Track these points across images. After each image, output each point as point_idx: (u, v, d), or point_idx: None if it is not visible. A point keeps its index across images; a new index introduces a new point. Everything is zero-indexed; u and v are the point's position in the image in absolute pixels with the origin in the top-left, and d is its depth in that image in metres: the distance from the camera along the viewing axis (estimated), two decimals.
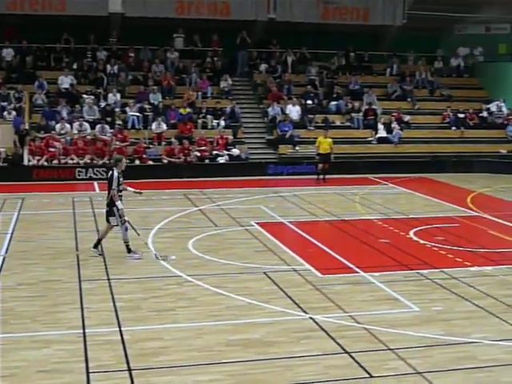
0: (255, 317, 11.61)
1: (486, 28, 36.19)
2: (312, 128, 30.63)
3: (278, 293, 12.95)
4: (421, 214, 20.92)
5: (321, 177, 27.01)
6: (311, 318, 11.57)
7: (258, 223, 18.99)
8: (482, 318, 11.80)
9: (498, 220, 20.20)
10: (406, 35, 34.08)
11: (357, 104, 32.19)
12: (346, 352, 10.14)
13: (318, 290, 13.15)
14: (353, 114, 31.74)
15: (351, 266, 14.86)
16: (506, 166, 30.27)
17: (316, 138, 27.71)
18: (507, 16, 34.95)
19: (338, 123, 31.60)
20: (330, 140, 27.10)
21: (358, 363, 9.76)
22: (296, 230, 18.57)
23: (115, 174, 15.06)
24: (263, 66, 33.70)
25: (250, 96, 33.15)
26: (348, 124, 31.71)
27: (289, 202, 22.70)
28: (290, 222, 19.42)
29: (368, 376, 9.38)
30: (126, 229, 15.22)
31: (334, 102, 32.29)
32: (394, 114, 31.74)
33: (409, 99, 33.52)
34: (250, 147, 29.80)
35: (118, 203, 15.01)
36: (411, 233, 18.20)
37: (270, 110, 31.01)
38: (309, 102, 31.50)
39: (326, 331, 10.95)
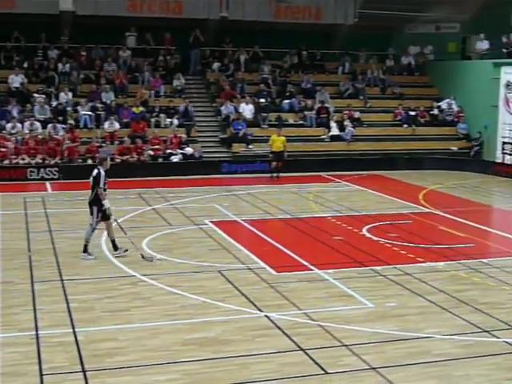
0: (210, 315, 11.61)
1: (436, 27, 36.63)
2: (265, 126, 30.69)
3: (232, 291, 12.96)
4: (374, 210, 21.12)
5: (274, 175, 27.10)
6: (266, 315, 11.61)
7: (212, 222, 18.97)
8: (434, 313, 11.98)
9: (449, 216, 20.50)
10: (357, 34, 34.32)
11: (309, 102, 32.34)
12: (301, 349, 10.20)
13: (272, 287, 13.20)
14: (306, 112, 31.88)
15: (305, 263, 14.94)
16: (457, 162, 30.74)
17: (269, 137, 27.80)
18: (456, 15, 35.45)
19: (291, 121, 31.70)
20: (284, 138, 27.20)
21: (312, 360, 9.83)
22: (250, 228, 18.60)
23: (102, 172, 14.93)
24: (216, 65, 33.64)
25: (203, 94, 33.07)
26: (301, 122, 31.83)
27: (243, 201, 22.71)
28: (244, 220, 19.45)
29: (323, 372, 9.45)
30: (93, 231, 15.08)
31: (286, 101, 32.39)
32: (345, 111, 31.96)
33: (361, 97, 33.79)
34: (204, 146, 29.72)
35: (105, 202, 14.91)
36: (364, 230, 18.37)
37: (223, 108, 30.98)
38: (262, 100, 31.56)
39: (280, 329, 11.00)
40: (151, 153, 28.11)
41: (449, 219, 20.12)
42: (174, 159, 28.26)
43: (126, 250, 15.27)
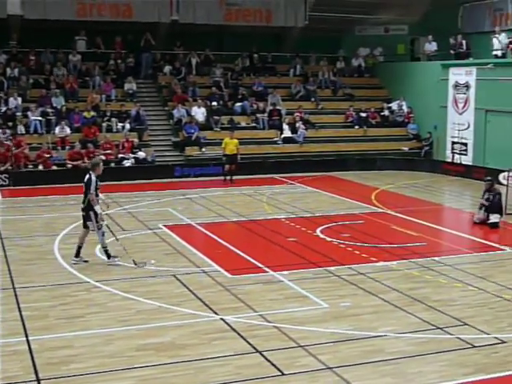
0: (166, 320, 11.57)
1: (384, 29, 37.04)
2: (218, 129, 30.69)
3: (188, 295, 12.94)
4: (327, 211, 21.27)
5: (228, 178, 27.11)
6: (222, 318, 11.61)
7: (166, 226, 18.91)
8: (388, 311, 12.12)
9: (401, 215, 20.76)
10: (308, 36, 34.51)
11: (261, 105, 32.45)
12: (258, 351, 10.23)
13: (227, 290, 13.21)
14: (258, 115, 31.98)
15: (260, 265, 14.99)
16: (408, 162, 31.14)
17: (222, 140, 27.79)
18: (405, 17, 35.90)
19: (243, 124, 31.76)
20: (237, 141, 27.25)
21: (269, 361, 9.86)
22: (204, 231, 18.59)
23: (93, 178, 14.90)
24: (167, 68, 33.53)
25: (154, 98, 32.94)
26: (253, 125, 31.90)
27: (197, 204, 22.68)
28: (198, 223, 19.42)
29: (280, 374, 9.49)
30: (103, 234, 15.02)
31: (238, 103, 32.44)
32: (297, 113, 32.13)
33: (312, 99, 34.00)
34: (156, 150, 29.60)
35: (97, 207, 14.83)
36: (318, 231, 18.49)
37: (175, 112, 30.89)
38: (214, 103, 31.55)
39: (237, 331, 11.01)
40: (103, 158, 27.82)
41: (401, 218, 20.37)
42: (127, 164, 28.07)
43: (86, 261, 15.11)
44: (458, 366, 9.81)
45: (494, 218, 19.28)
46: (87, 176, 15.05)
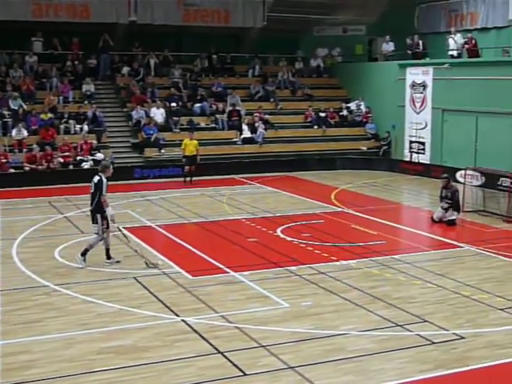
0: (127, 323, 11.50)
1: (343, 29, 37.27)
2: (177, 130, 30.59)
3: (149, 297, 12.87)
4: (287, 211, 21.33)
5: (188, 179, 27.03)
6: (183, 320, 11.58)
7: (125, 228, 18.76)
8: (349, 310, 12.20)
9: (360, 215, 20.91)
10: (266, 37, 34.57)
11: (221, 105, 32.41)
12: (220, 352, 10.23)
13: (189, 292, 13.18)
14: (217, 116, 31.95)
15: (221, 266, 14.98)
16: (367, 162, 31.41)
17: (182, 141, 27.70)
18: (362, 18, 36.18)
19: (202, 125, 31.69)
20: (196, 142, 27.20)
21: (231, 362, 9.86)
22: (165, 233, 18.51)
23: (104, 180, 14.83)
24: (126, 69, 33.30)
25: (113, 99, 32.69)
26: (213, 125, 31.85)
27: (156, 206, 22.58)
28: (158, 225, 19.34)
29: (242, 374, 9.50)
30: (102, 240, 14.96)
31: (198, 104, 32.37)
32: (256, 114, 32.17)
33: (272, 99, 34.08)
34: (115, 151, 29.37)
35: (108, 209, 14.82)
36: (279, 231, 18.55)
37: (133, 113, 30.71)
38: (173, 104, 31.43)
39: (198, 333, 10.99)
40: (61, 160, 27.59)
41: (360, 217, 20.52)
42: (85, 166, 27.80)
43: (118, 262, 15.12)
44: (418, 363, 9.91)
45: (451, 215, 19.52)
46: (97, 177, 14.98)
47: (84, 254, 14.89)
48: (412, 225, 19.98)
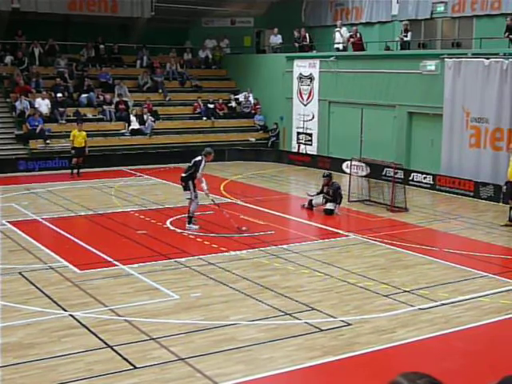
0: (12, 319, 11.20)
1: (231, 21, 37.40)
2: (63, 121, 29.90)
3: (35, 292, 12.57)
4: (176, 203, 21.24)
5: (75, 171, 26.49)
6: (71, 315, 11.38)
7: (10, 222, 18.26)
8: (239, 300, 12.31)
9: (249, 205, 21.11)
10: (155, 27, 34.29)
11: (108, 96, 31.91)
12: (109, 346, 10.11)
13: (76, 286, 12.96)
14: (104, 107, 31.42)
15: (110, 259, 14.80)
16: (255, 153, 31.69)
17: (68, 132, 27.12)
18: (250, 10, 36.43)
19: (90, 116, 31.13)
20: (85, 133, 26.66)
21: (121, 356, 9.77)
22: (51, 226, 18.10)
23: (203, 162, 17.47)
24: (9, 58, 32.26)
25: None
26: (100, 116, 31.34)
27: (42, 199, 22.03)
28: (44, 218, 18.89)
29: (132, 368, 9.43)
30: (198, 204, 17.64)
31: (84, 95, 31.73)
32: (144, 105, 31.88)
33: (160, 90, 33.84)
34: None
35: (203, 184, 17.51)
36: (168, 222, 18.49)
37: (17, 103, 29.79)
38: (59, 94, 30.67)
39: (86, 327, 10.83)
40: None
41: (249, 208, 20.71)
42: None
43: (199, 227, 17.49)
44: (306, 350, 10.12)
45: (329, 205, 19.97)
46: (199, 157, 17.74)
47: (189, 220, 17.55)
48: (300, 215, 20.32)
